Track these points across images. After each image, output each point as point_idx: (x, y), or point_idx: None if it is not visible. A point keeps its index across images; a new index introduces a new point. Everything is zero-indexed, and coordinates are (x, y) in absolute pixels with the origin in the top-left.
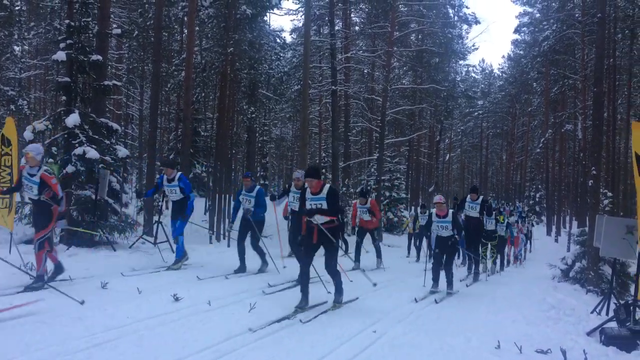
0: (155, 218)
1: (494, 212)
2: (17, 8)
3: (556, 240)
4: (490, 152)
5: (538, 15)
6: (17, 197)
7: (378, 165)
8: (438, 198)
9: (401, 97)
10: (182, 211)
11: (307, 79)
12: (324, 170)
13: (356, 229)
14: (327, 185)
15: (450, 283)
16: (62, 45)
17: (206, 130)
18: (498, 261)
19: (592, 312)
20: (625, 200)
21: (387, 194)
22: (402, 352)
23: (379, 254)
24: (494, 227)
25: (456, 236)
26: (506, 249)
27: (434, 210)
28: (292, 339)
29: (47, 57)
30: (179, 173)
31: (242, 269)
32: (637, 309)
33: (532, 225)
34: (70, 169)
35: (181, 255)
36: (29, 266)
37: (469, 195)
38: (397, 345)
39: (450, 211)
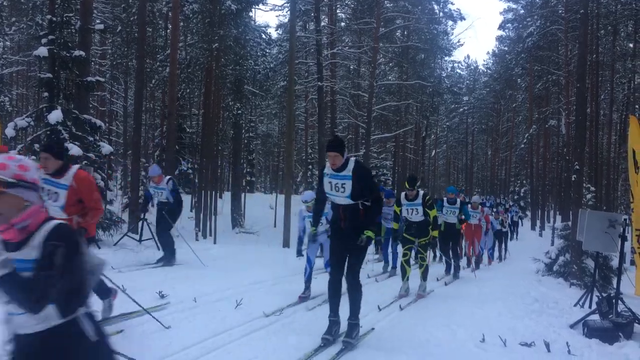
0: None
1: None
2: None
3: (540, 235)
4: (476, 147)
5: (522, 11)
6: None
7: (364, 161)
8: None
9: (387, 93)
10: None
11: (292, 75)
12: (310, 167)
13: None
14: None
15: None
16: (43, 40)
17: (192, 126)
18: (461, 262)
19: (575, 305)
20: (608, 195)
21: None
22: (388, 346)
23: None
24: (421, 217)
25: None
26: (467, 244)
27: None
28: (279, 336)
29: (29, 53)
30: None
31: None
32: (619, 301)
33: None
34: None
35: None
36: None
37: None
38: (383, 338)
39: None
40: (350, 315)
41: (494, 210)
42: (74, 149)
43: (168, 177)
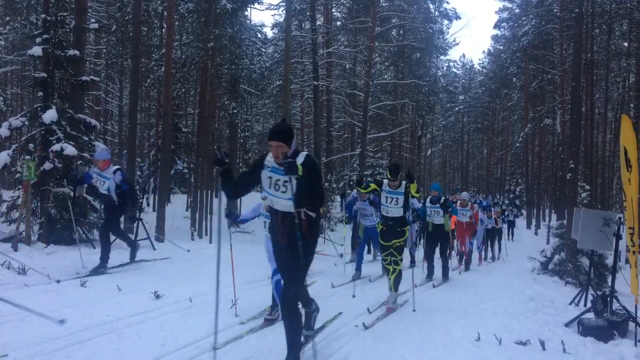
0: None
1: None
2: None
3: (536, 233)
4: (471, 146)
5: (517, 10)
6: None
7: (360, 161)
8: None
9: (383, 92)
10: None
11: (288, 74)
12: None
13: None
14: None
15: None
16: (38, 40)
17: (187, 126)
18: (450, 263)
19: (570, 304)
20: (603, 193)
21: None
22: (384, 345)
23: None
24: (399, 210)
25: None
26: (456, 244)
27: None
28: (275, 334)
29: (23, 53)
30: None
31: None
32: (614, 299)
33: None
34: (47, 165)
35: None
36: (7, 264)
37: None
38: (378, 337)
39: None
40: (289, 352)
41: (488, 208)
42: (69, 149)
43: (116, 167)
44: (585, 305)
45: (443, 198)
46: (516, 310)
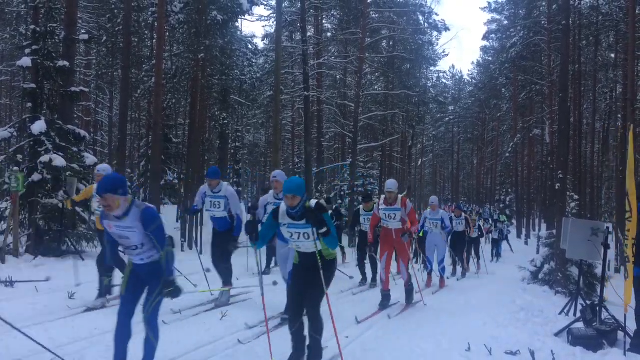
0: None
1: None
2: None
3: (526, 243)
4: (462, 156)
5: (506, 22)
6: None
7: (351, 171)
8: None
9: (373, 102)
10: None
11: (279, 85)
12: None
13: None
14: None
15: None
16: (27, 51)
17: (178, 136)
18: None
19: (560, 313)
20: (592, 203)
21: (360, 199)
22: (373, 357)
23: None
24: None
25: None
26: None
27: None
28: (264, 347)
29: (13, 63)
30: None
31: None
32: (603, 309)
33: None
34: (36, 177)
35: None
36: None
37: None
38: (368, 349)
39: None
40: None
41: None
42: (58, 160)
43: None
44: (575, 314)
45: (315, 201)
46: (506, 320)
